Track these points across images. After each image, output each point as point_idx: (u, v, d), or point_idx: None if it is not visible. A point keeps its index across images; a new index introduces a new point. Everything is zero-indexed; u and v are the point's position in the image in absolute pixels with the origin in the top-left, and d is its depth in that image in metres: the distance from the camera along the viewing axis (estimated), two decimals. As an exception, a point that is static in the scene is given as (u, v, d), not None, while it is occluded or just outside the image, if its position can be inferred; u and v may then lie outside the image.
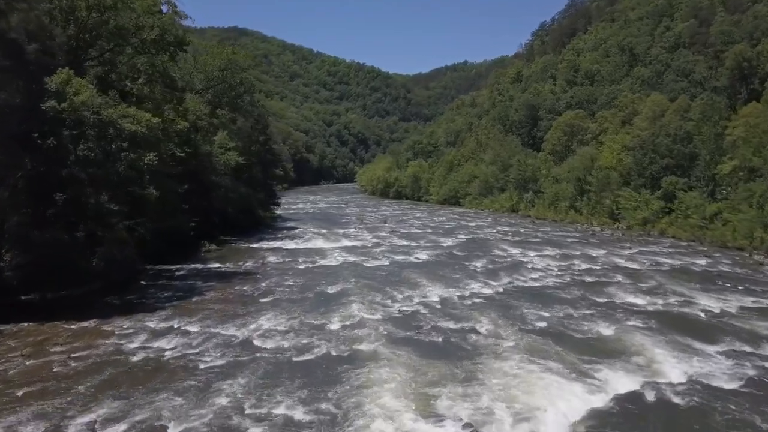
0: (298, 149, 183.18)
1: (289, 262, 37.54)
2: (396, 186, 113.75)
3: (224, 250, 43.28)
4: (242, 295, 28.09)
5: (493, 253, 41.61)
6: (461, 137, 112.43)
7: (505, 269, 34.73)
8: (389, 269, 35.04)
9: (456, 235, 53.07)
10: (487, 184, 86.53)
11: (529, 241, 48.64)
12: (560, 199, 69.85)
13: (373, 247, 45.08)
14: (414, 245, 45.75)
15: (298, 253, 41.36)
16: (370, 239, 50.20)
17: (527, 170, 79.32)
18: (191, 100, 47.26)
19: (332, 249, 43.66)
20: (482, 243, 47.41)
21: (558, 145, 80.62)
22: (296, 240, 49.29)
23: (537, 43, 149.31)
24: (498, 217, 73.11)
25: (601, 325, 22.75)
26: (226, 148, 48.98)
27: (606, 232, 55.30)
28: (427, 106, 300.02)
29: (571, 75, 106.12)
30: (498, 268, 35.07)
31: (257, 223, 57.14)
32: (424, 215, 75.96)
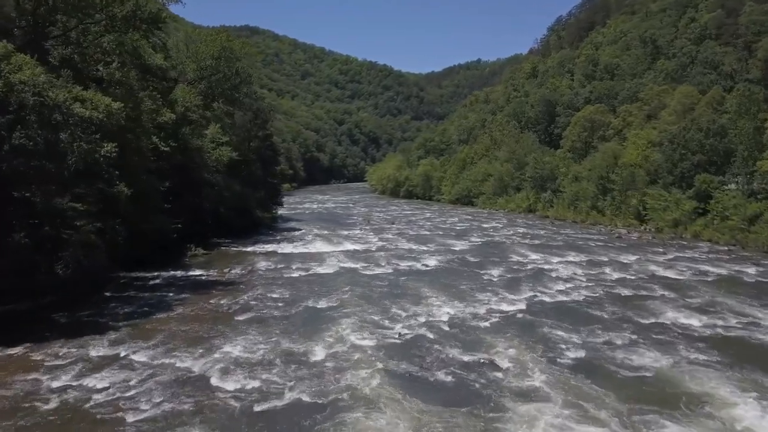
0: (309, 148, 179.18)
1: (280, 269, 33.09)
2: (406, 185, 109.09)
3: (213, 254, 38.95)
4: (216, 311, 23.66)
5: (510, 259, 36.89)
6: (474, 134, 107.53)
7: (526, 279, 29.99)
8: (392, 278, 30.44)
9: (469, 237, 48.38)
10: (502, 183, 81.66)
11: (549, 244, 43.85)
12: (581, 199, 64.85)
13: (377, 251, 40.53)
14: (422, 249, 41.15)
15: (294, 259, 36.92)
16: (374, 242, 45.67)
17: (545, 168, 74.39)
18: (181, 90, 43.02)
19: (332, 253, 39.17)
20: (498, 247, 42.69)
21: (577, 142, 75.55)
22: (294, 243, 44.88)
23: (553, 38, 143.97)
24: (514, 217, 68.23)
25: (651, 355, 18.02)
26: (219, 142, 44.67)
27: (633, 234, 50.29)
28: (440, 104, 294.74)
29: (590, 69, 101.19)
30: (517, 278, 30.34)
31: (255, 224, 52.77)
32: (435, 216, 71.30)
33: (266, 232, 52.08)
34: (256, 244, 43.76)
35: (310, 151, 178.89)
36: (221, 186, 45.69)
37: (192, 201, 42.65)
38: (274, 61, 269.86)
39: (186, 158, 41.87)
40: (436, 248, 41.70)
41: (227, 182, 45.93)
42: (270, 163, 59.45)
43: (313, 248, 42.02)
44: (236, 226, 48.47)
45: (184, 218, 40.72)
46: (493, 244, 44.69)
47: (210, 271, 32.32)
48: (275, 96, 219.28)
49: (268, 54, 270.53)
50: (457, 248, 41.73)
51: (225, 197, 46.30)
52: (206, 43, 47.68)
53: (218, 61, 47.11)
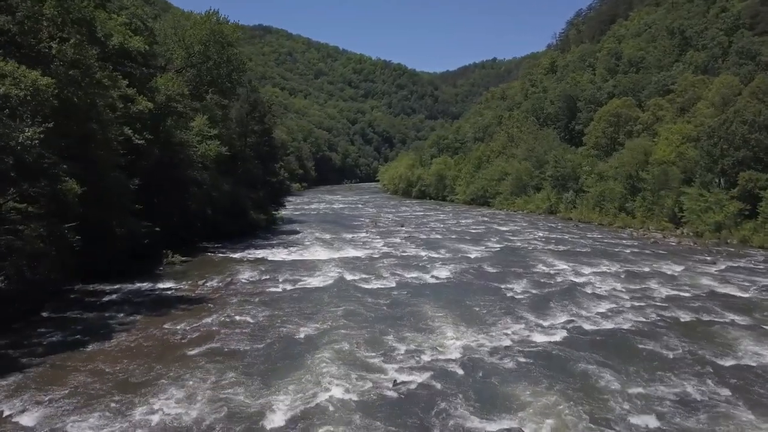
0: (320, 147, 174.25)
1: (264, 282, 27.93)
2: (419, 185, 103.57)
3: (194, 261, 33.87)
4: (166, 340, 18.52)
5: (535, 269, 31.38)
6: (490, 131, 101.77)
7: (557, 297, 24.50)
8: (395, 295, 25.09)
9: (486, 242, 42.92)
10: (520, 183, 75.95)
11: (577, 251, 38.27)
12: (607, 200, 59.05)
13: (381, 258, 35.23)
14: (433, 257, 35.78)
15: (284, 267, 31.76)
16: (380, 247, 40.41)
17: (566, 167, 68.65)
18: (163, 77, 38.09)
19: (329, 261, 33.95)
20: (519, 254, 37.19)
21: (602, 138, 69.63)
22: (290, 248, 39.74)
23: (572, 32, 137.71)
24: (534, 219, 62.54)
25: (753, 424, 12.59)
26: (206, 136, 39.66)
27: (670, 239, 44.48)
28: (455, 103, 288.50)
29: (613, 63, 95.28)
30: (546, 296, 24.87)
31: (252, 226, 47.71)
32: (449, 217, 65.82)
33: (263, 236, 47.04)
34: (247, 250, 38.70)
35: (321, 151, 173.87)
36: (210, 185, 40.73)
37: (174, 201, 37.77)
38: (287, 60, 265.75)
39: (168, 153, 36.98)
40: (448, 255, 36.31)
41: (217, 181, 40.91)
42: (269, 161, 54.41)
43: (309, 255, 36.84)
44: (229, 230, 43.52)
45: (164, 221, 35.96)
46: (513, 250, 39.20)
47: (181, 284, 27.23)
48: (287, 95, 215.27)
49: (281, 53, 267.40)
50: (472, 256, 36.30)
51: (214, 197, 41.32)
52: (194, 26, 42.68)
53: (207, 47, 42.08)
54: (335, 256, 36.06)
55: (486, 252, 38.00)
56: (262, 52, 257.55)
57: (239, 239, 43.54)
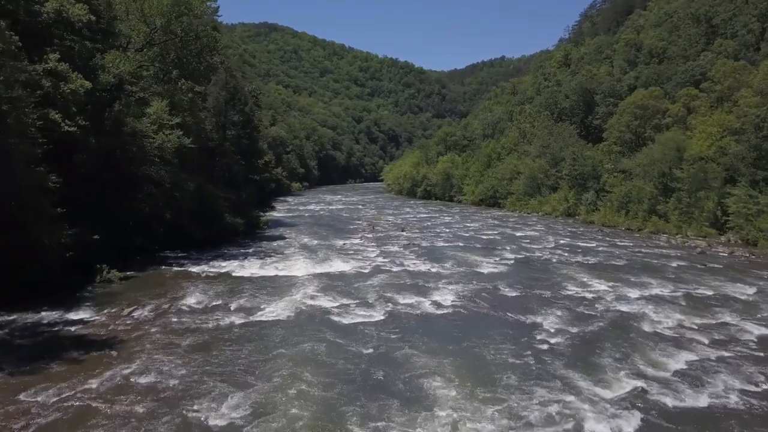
0: (324, 146, 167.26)
1: (212, 311, 20.93)
2: (424, 184, 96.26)
3: (138, 278, 26.93)
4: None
5: (566, 291, 24.23)
6: (501, 127, 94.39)
7: (607, 341, 17.32)
8: (379, 337, 17.95)
9: (499, 252, 35.79)
10: (534, 182, 68.67)
11: (612, 264, 31.07)
12: (634, 201, 51.71)
13: (373, 274, 28.17)
14: (435, 272, 28.69)
15: (246, 288, 24.78)
16: (373, 258, 33.37)
17: (586, 164, 61.39)
18: (111, 54, 31.21)
19: (306, 279, 26.94)
20: (542, 269, 30.02)
21: (626, 133, 62.12)
22: (266, 259, 32.81)
23: (586, 25, 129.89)
24: (551, 223, 55.26)
25: None
26: (166, 124, 32.73)
27: (718, 249, 37.13)
28: (463, 102, 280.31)
29: (632, 54, 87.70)
30: (591, 338, 17.69)
31: (229, 231, 40.79)
32: (456, 220, 58.66)
33: (241, 243, 40.21)
34: (213, 261, 31.85)
35: (325, 149, 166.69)
36: (172, 183, 33.85)
37: (124, 203, 30.97)
38: (293, 57, 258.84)
39: (117, 145, 30.21)
40: (454, 270, 29.17)
41: (178, 178, 33.98)
42: (252, 156, 47.42)
43: (285, 269, 29.84)
44: (198, 236, 36.66)
45: (108, 227, 29.21)
46: (533, 263, 32.03)
47: (100, 313, 20.27)
48: (292, 92, 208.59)
49: (286, 51, 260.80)
50: (484, 271, 29.13)
51: (177, 198, 34.43)
52: (156, -4, 35.69)
53: (170, 20, 35.13)
54: (316, 271, 29.06)
55: (500, 265, 30.83)
56: (267, 50, 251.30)
57: (212, 247, 36.84)
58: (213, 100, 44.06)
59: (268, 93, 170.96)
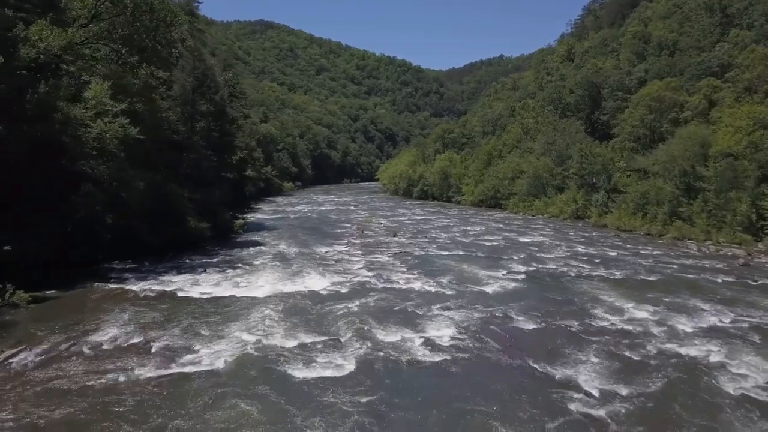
0: (318, 144, 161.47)
1: (123, 353, 15.29)
2: (420, 184, 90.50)
3: (54, 301, 21.25)
4: None
5: (598, 321, 18.62)
6: (502, 123, 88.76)
7: (672, 409, 11.77)
8: (347, 402, 12.34)
9: (506, 263, 30.18)
10: (539, 181, 63.02)
11: (645, 280, 25.48)
12: (652, 203, 46.09)
13: (351, 296, 22.53)
14: (429, 293, 23.08)
15: (186, 316, 19.14)
16: (356, 272, 27.78)
17: (595, 162, 55.77)
18: (37, 24, 25.54)
19: (268, 302, 21.31)
20: (561, 286, 24.41)
21: (640, 128, 56.60)
22: (228, 273, 27.20)
23: (589, 19, 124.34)
24: (560, 226, 49.63)
25: None
26: (107, 111, 27.03)
27: (762, 258, 31.54)
28: (461, 101, 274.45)
29: (640, 47, 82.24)
30: (651, 403, 12.09)
31: (193, 237, 35.14)
32: (454, 223, 53.04)
33: (209, 250, 34.67)
34: (163, 275, 26.28)
35: (320, 148, 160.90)
36: (118, 181, 28.17)
37: (52, 206, 25.35)
38: (288, 55, 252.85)
39: (43, 133, 24.63)
40: (453, 290, 23.53)
41: (125, 175, 28.26)
42: (224, 151, 41.71)
43: (246, 287, 24.24)
44: (154, 243, 31.06)
45: (31, 234, 23.76)
46: (548, 278, 26.42)
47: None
48: (286, 90, 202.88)
49: (282, 49, 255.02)
50: (489, 290, 23.52)
51: (124, 199, 28.74)
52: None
53: (117, -10, 29.44)
54: (284, 290, 23.45)
55: (509, 281, 25.22)
56: (263, 48, 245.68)
57: (173, 256, 31.56)
58: (179, 87, 38.41)
59: (261, 90, 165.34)
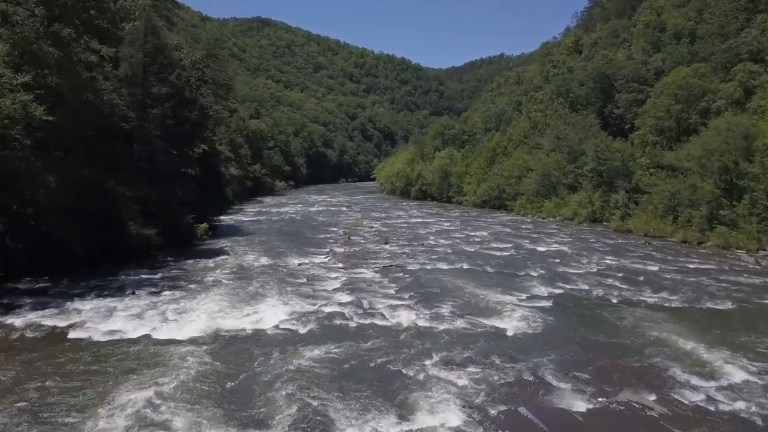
0: (314, 142, 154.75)
1: None
2: (419, 183, 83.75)
3: None
4: None
5: (681, 392, 11.88)
6: (506, 119, 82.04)
7: None
8: None
9: (524, 282, 23.46)
10: (549, 180, 56.27)
11: (715, 310, 18.76)
12: (684, 204, 39.36)
13: (315, 339, 15.82)
14: (425, 332, 16.35)
15: (55, 380, 12.51)
16: (330, 296, 21.12)
17: (613, 158, 49.02)
18: None
19: (181, 356, 14.53)
20: (607, 322, 17.65)
21: (665, 119, 49.91)
22: (161, 298, 20.57)
23: (596, 10, 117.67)
24: (576, 231, 42.86)
25: None
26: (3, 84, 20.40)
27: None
28: (461, 100, 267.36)
29: (655, 36, 75.82)
30: None
31: (140, 245, 28.47)
32: (456, 227, 46.29)
33: (158, 262, 28.12)
34: (71, 302, 19.71)
35: (315, 146, 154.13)
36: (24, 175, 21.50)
37: None
38: (285, 53, 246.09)
39: None
40: (457, 329, 16.75)
41: (30, 168, 21.57)
42: (185, 143, 34.96)
43: (176, 321, 17.55)
44: (79, 254, 24.41)
45: None
46: (585, 307, 19.67)
47: None
48: (282, 87, 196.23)
49: (279, 46, 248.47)
50: (508, 328, 16.75)
51: (36, 199, 22.05)
52: None
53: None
54: (221, 327, 16.77)
55: (533, 313, 18.48)
56: (259, 45, 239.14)
57: (111, 269, 25.13)
58: (126, 65, 31.67)
59: (255, 87, 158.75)
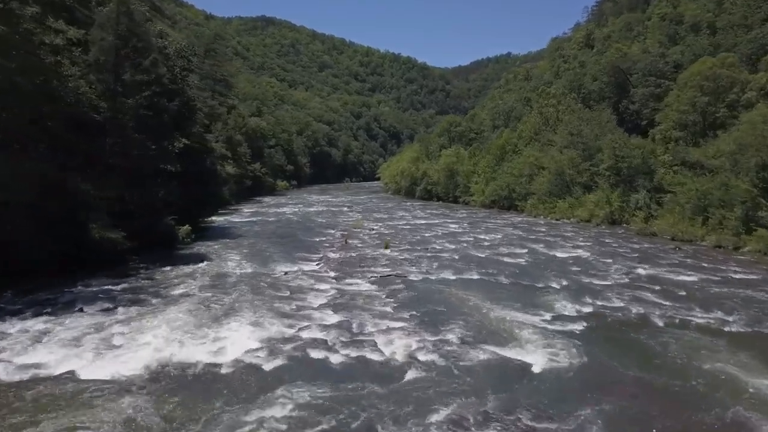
0: (318, 141, 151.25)
1: None
2: (424, 182, 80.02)
3: None
4: None
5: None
6: (516, 115, 78.20)
7: None
8: None
9: (546, 297, 19.75)
10: (562, 179, 52.47)
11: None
12: (715, 205, 35.52)
13: (280, 384, 12.26)
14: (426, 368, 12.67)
15: None
16: (313, 316, 17.54)
17: (633, 156, 45.21)
18: None
19: (105, 407, 11.05)
20: (654, 353, 13.98)
21: (690, 113, 45.98)
22: (111, 317, 17.10)
23: (607, 5, 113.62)
24: (595, 234, 39.02)
25: None
26: None
27: None
28: (467, 99, 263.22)
29: (672, 29, 71.98)
30: None
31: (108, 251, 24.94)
32: (463, 229, 42.56)
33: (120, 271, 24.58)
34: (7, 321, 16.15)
35: (319, 145, 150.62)
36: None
37: None
38: (290, 51, 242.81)
39: None
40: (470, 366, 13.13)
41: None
42: (164, 135, 31.41)
43: (120, 349, 14.03)
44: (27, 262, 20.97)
45: None
46: (624, 331, 15.96)
47: None
48: (287, 86, 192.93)
49: (283, 45, 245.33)
50: (533, 363, 13.01)
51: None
52: None
53: None
54: (171, 360, 13.21)
55: (562, 339, 14.78)
56: (263, 44, 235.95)
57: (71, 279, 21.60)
58: (96, 49, 28.17)
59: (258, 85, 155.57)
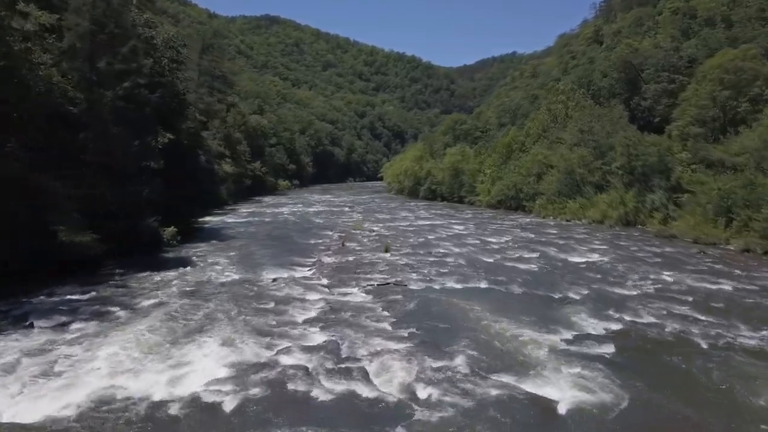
0: (321, 141, 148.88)
1: None
2: (428, 182, 77.49)
3: None
4: None
5: None
6: (523, 112, 75.61)
7: None
8: None
9: (565, 310, 17.29)
10: (572, 178, 49.89)
11: None
12: (739, 206, 32.92)
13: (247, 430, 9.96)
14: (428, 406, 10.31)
15: None
16: (297, 334, 15.14)
17: (648, 154, 42.63)
18: None
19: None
20: (687, 375, 11.51)
21: (710, 108, 43.33)
22: (63, 336, 14.78)
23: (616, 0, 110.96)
24: (610, 236, 36.43)
25: None
26: None
27: None
28: (472, 98, 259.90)
29: (685, 23, 69.34)
30: None
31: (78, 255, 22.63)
32: (468, 231, 40.05)
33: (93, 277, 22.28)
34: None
35: (322, 145, 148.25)
36: None
37: None
38: (294, 50, 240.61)
39: None
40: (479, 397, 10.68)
41: None
42: (147, 130, 29.07)
43: (62, 378, 11.67)
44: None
45: None
46: (659, 356, 13.46)
47: None
48: (290, 85, 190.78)
49: (287, 44, 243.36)
50: (558, 399, 10.63)
51: None
52: None
53: None
54: (126, 393, 10.83)
55: (590, 368, 12.33)
56: (267, 42, 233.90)
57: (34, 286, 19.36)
58: (71, 35, 25.86)
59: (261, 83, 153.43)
